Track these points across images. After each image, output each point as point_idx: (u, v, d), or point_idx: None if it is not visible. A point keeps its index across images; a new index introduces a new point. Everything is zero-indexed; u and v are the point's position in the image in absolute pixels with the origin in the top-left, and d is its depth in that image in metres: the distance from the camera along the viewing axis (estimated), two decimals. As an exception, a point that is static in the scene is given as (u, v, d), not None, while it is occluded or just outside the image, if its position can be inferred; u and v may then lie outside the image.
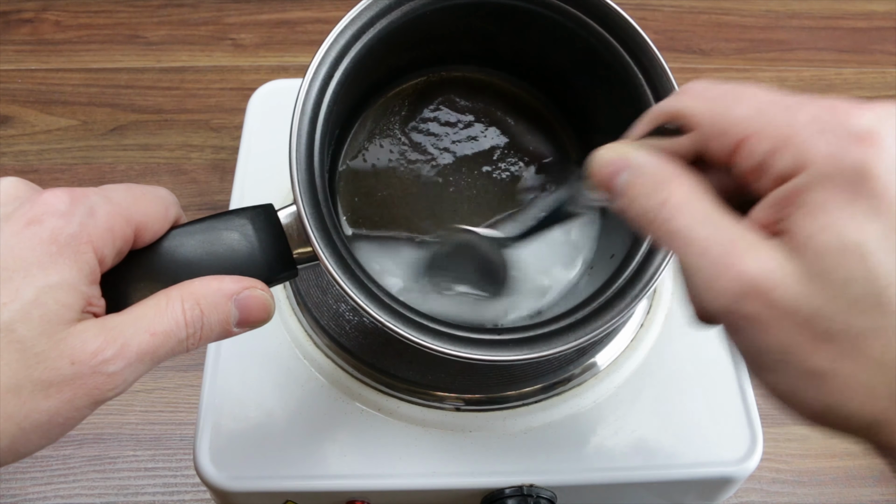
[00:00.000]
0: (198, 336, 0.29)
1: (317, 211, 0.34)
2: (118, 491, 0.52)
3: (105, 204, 0.29)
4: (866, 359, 0.22)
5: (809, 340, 0.22)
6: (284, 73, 0.75)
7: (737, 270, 0.23)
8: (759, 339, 0.23)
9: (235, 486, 0.40)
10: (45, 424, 0.27)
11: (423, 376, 0.43)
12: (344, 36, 0.38)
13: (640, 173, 0.26)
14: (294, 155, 0.35)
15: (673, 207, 0.25)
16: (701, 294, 0.24)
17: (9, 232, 0.27)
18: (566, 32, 0.41)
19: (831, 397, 0.23)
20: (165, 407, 0.55)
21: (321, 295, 0.46)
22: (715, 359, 0.45)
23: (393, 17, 0.40)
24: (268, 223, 0.34)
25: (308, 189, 0.34)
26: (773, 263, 0.22)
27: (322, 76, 0.37)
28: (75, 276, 0.27)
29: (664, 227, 0.25)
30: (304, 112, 0.36)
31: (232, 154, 0.69)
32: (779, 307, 0.22)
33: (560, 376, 0.43)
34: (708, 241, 0.23)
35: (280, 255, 0.34)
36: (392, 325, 0.34)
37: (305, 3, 0.81)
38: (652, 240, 0.37)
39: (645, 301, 0.47)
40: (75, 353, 0.27)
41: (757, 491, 0.53)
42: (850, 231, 0.22)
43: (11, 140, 0.69)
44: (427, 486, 0.41)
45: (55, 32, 0.78)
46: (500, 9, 0.42)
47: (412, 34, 0.41)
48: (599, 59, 0.40)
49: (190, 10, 0.80)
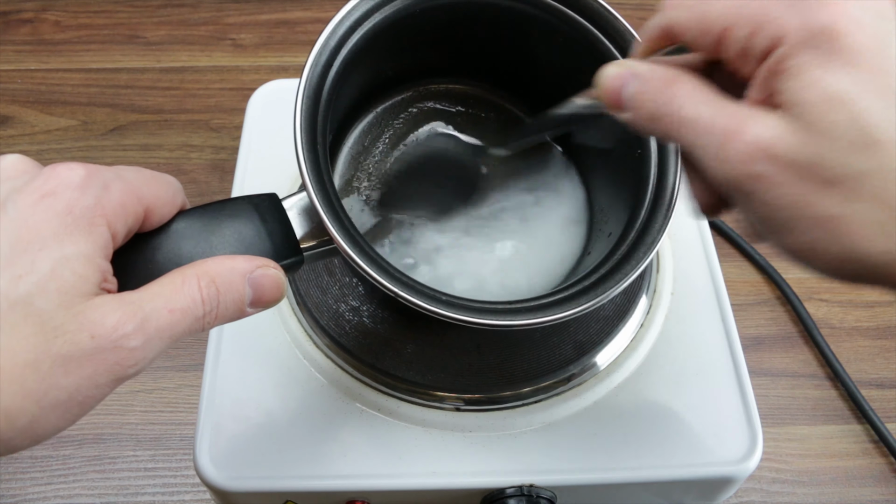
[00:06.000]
0: (214, 314, 0.29)
1: (322, 188, 0.34)
2: (118, 491, 0.52)
3: (118, 181, 0.29)
4: (871, 197, 0.24)
5: (815, 188, 0.24)
6: (284, 73, 0.75)
7: (741, 137, 0.25)
8: (771, 197, 0.25)
9: (235, 486, 0.40)
10: (65, 403, 0.26)
11: (423, 376, 0.43)
12: (337, 33, 0.38)
13: (647, 79, 0.28)
14: (299, 132, 0.35)
15: (680, 99, 0.27)
16: (712, 170, 0.26)
17: (23, 204, 0.27)
18: (551, 29, 0.42)
19: (846, 240, 0.24)
20: (165, 407, 0.55)
21: (321, 295, 0.46)
22: (715, 359, 0.45)
23: (382, 15, 0.40)
24: (273, 209, 0.34)
25: (313, 167, 0.35)
26: (772, 125, 0.25)
27: (322, 63, 0.38)
28: (91, 248, 0.27)
29: (673, 120, 0.27)
30: (307, 89, 0.37)
31: (232, 154, 0.69)
32: (782, 161, 0.24)
33: (560, 376, 0.43)
34: (714, 120, 0.26)
35: (286, 238, 0.34)
36: (405, 295, 0.34)
37: (305, 3, 0.81)
38: (657, 141, 0.39)
39: (644, 301, 0.47)
40: (95, 326, 0.26)
41: (757, 491, 0.53)
42: (831, 83, 0.24)
43: (11, 140, 0.69)
44: (427, 486, 0.41)
45: (55, 32, 0.78)
46: (488, 9, 0.42)
47: (402, 34, 0.42)
48: (584, 55, 0.41)
49: (190, 10, 0.80)
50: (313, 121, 0.37)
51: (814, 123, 0.24)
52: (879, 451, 0.54)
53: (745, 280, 0.62)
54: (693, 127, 0.26)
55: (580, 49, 0.41)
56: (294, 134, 0.35)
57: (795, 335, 0.59)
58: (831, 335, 0.59)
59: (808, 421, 0.56)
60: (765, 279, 0.62)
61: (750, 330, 0.59)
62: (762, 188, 0.25)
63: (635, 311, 0.46)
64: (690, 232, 0.51)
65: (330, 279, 0.46)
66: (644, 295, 0.47)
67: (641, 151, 0.39)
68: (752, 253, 0.63)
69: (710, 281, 0.48)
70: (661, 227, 0.37)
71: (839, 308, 0.61)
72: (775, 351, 0.59)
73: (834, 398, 0.57)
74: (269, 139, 0.55)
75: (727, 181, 0.26)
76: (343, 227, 0.34)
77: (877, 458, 0.54)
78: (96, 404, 0.27)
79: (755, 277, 0.62)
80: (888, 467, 0.54)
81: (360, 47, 0.39)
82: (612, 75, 0.29)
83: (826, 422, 0.56)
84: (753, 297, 0.61)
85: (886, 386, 0.57)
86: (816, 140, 0.24)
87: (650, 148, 0.39)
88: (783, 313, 0.61)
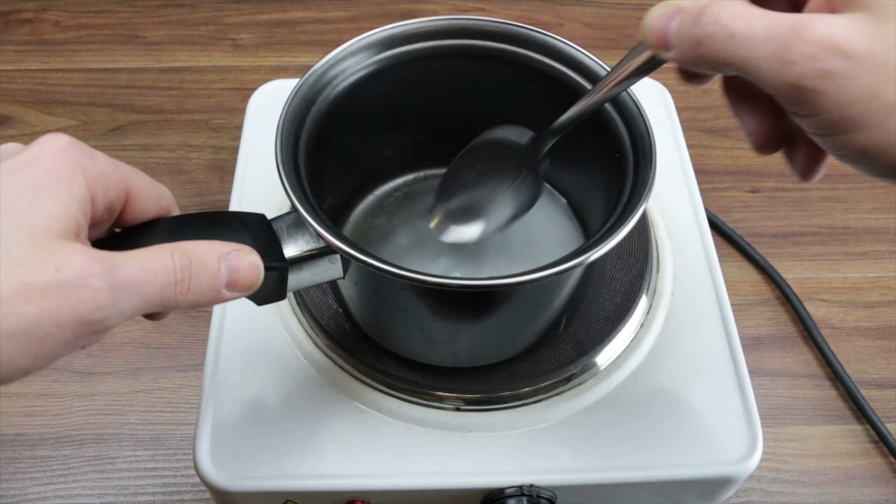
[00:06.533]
0: (186, 285, 0.29)
1: (299, 185, 0.36)
2: (118, 491, 0.52)
3: (104, 156, 0.30)
4: None
5: (890, 77, 0.25)
6: (284, 73, 0.75)
7: (808, 37, 0.25)
8: (843, 92, 0.25)
9: (235, 486, 0.40)
10: (24, 333, 0.25)
11: (423, 376, 0.43)
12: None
13: (691, 10, 0.28)
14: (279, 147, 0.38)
15: (727, 19, 0.26)
16: (773, 79, 0.26)
17: (5, 168, 0.27)
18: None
19: None
20: (165, 407, 0.55)
21: (321, 295, 0.46)
22: (715, 359, 0.45)
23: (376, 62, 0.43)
24: (258, 221, 0.35)
25: (292, 171, 0.37)
26: (840, 24, 0.25)
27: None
28: (67, 196, 0.27)
29: (723, 38, 0.27)
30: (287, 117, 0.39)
31: (232, 154, 0.69)
32: (854, 54, 0.25)
33: (560, 376, 0.43)
34: (770, 30, 0.26)
35: (270, 245, 0.35)
36: (382, 266, 0.34)
37: (305, 3, 0.81)
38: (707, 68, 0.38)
39: (645, 301, 0.47)
40: (60, 262, 0.26)
41: (757, 491, 0.53)
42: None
43: (11, 140, 0.69)
44: (427, 485, 0.41)
45: (55, 32, 0.78)
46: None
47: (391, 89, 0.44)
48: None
49: (190, 10, 0.80)
50: (297, 130, 0.38)
51: (889, 18, 0.25)
52: (879, 451, 0.54)
53: (745, 280, 0.62)
54: (747, 41, 0.26)
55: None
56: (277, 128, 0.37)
57: (795, 335, 0.59)
58: (831, 335, 0.59)
59: (808, 421, 0.56)
60: (765, 279, 0.62)
61: (750, 330, 0.60)
62: (834, 84, 0.25)
63: (635, 311, 0.46)
64: (690, 232, 0.51)
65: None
66: (644, 295, 0.47)
67: (619, 155, 0.40)
68: (752, 253, 0.63)
69: (710, 281, 0.48)
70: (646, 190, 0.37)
71: (839, 308, 0.61)
72: (775, 351, 0.59)
73: (834, 398, 0.57)
74: (269, 139, 0.54)
75: (791, 87, 0.26)
76: (314, 212, 0.35)
77: (877, 458, 0.54)
78: (59, 352, 0.26)
79: (755, 277, 0.62)
80: (888, 467, 0.54)
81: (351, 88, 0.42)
82: (657, 14, 0.29)
83: (826, 422, 0.56)
84: (753, 297, 0.61)
85: (886, 386, 0.57)
86: (891, 30, 0.24)
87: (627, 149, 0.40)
88: (783, 313, 0.61)
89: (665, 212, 0.52)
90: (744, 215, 0.66)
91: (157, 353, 0.57)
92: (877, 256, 0.64)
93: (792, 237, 0.65)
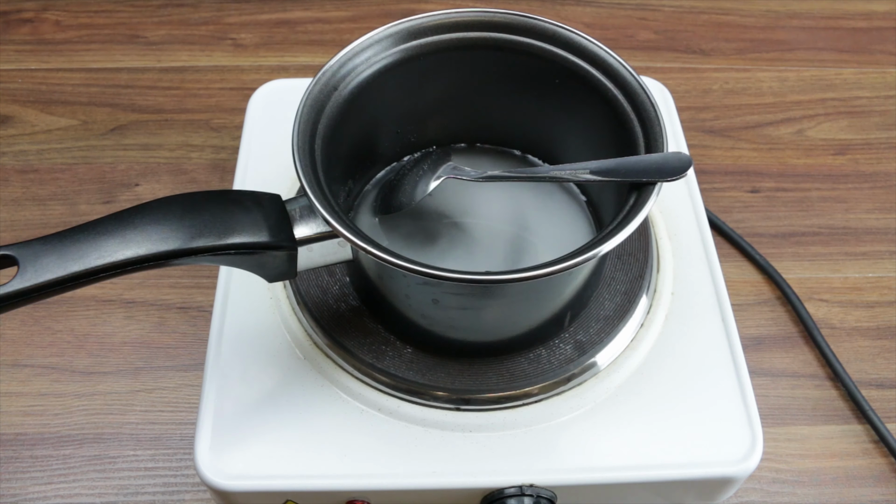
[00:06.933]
0: None
1: (312, 170, 0.37)
2: (118, 491, 0.52)
3: None
4: None
5: None
6: (284, 72, 0.75)
7: None
8: None
9: (235, 486, 0.40)
10: None
11: (423, 376, 0.43)
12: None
13: None
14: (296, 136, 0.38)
15: None
16: None
17: None
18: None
19: None
20: (165, 407, 0.55)
21: (321, 295, 0.46)
22: (715, 359, 0.45)
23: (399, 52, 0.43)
24: (273, 202, 0.37)
25: (310, 167, 0.37)
26: None
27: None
28: None
29: None
30: (304, 110, 0.39)
31: (232, 154, 0.69)
32: None
33: (560, 376, 0.43)
34: None
35: (281, 225, 0.36)
36: (391, 259, 0.35)
37: (305, 3, 0.81)
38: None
39: (645, 301, 0.47)
40: None
41: (757, 491, 0.53)
42: None
43: (11, 140, 0.69)
44: (427, 485, 0.41)
45: (55, 32, 0.78)
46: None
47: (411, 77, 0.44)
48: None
49: (190, 10, 0.80)
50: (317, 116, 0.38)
51: None
52: (879, 451, 0.54)
53: (745, 280, 0.62)
54: None
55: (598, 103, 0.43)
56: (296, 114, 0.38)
57: (796, 335, 0.59)
58: (831, 335, 0.59)
59: (809, 421, 0.56)
60: (765, 279, 0.62)
61: (750, 330, 0.60)
62: None
63: (635, 311, 0.46)
64: (690, 232, 0.51)
65: (330, 279, 0.46)
66: (644, 295, 0.47)
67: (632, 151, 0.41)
68: (752, 253, 0.63)
69: (711, 281, 0.48)
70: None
71: (839, 308, 0.61)
72: (775, 351, 0.59)
73: (834, 398, 0.57)
74: (270, 139, 0.55)
75: None
76: (323, 196, 0.36)
77: (877, 458, 0.54)
78: None
79: (755, 277, 0.62)
80: (888, 467, 0.54)
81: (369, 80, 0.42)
82: None
83: (826, 422, 0.56)
84: (753, 297, 0.61)
85: (886, 386, 0.57)
86: None
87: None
88: (783, 313, 0.61)
89: (665, 212, 0.52)
90: (744, 215, 0.66)
91: (157, 352, 0.57)
92: (877, 256, 0.64)
93: (792, 237, 0.65)
